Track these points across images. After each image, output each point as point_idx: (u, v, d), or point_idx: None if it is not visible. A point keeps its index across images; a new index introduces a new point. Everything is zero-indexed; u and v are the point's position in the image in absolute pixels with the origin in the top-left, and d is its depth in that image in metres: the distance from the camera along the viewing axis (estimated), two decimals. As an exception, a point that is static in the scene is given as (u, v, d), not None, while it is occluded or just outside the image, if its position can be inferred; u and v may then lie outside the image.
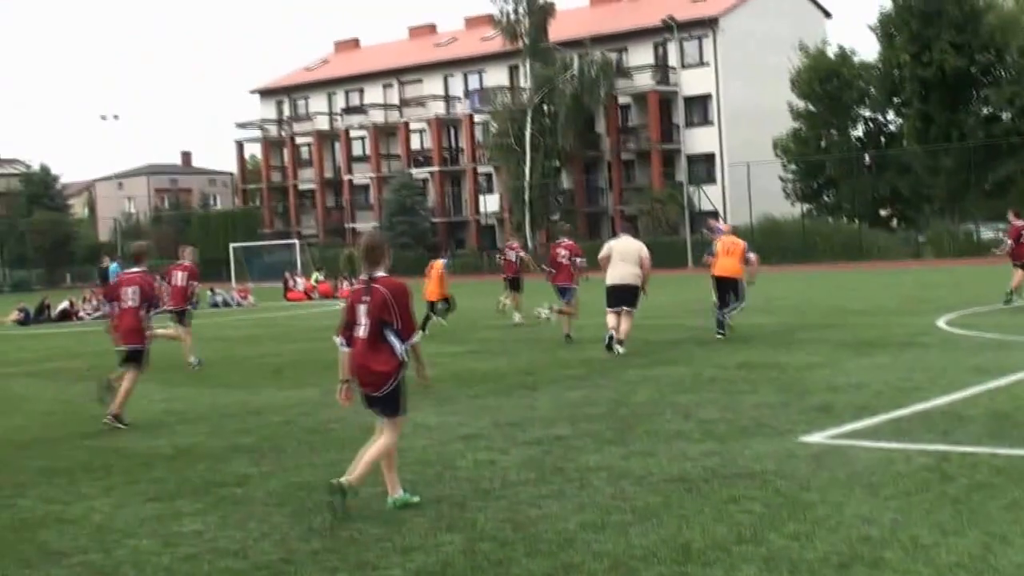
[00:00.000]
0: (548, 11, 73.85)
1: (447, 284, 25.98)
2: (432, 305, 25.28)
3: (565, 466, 9.13)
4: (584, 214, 77.36)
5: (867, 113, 67.67)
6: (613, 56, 74.94)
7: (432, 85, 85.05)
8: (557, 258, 22.10)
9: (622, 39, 76.13)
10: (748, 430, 10.27)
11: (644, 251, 18.59)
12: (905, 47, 60.37)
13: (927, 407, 11.02)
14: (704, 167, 73.47)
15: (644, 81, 74.76)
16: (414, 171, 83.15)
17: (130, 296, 13.15)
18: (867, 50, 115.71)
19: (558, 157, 75.93)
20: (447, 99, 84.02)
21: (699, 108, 74.59)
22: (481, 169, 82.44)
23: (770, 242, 59.92)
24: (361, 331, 8.00)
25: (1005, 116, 60.87)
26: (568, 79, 73.07)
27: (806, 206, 66.86)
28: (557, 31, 74.19)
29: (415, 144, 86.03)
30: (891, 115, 67.06)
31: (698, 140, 74.07)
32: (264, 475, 9.41)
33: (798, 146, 66.61)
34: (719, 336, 19.24)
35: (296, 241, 74.48)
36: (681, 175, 72.37)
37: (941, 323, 20.33)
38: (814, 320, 22.42)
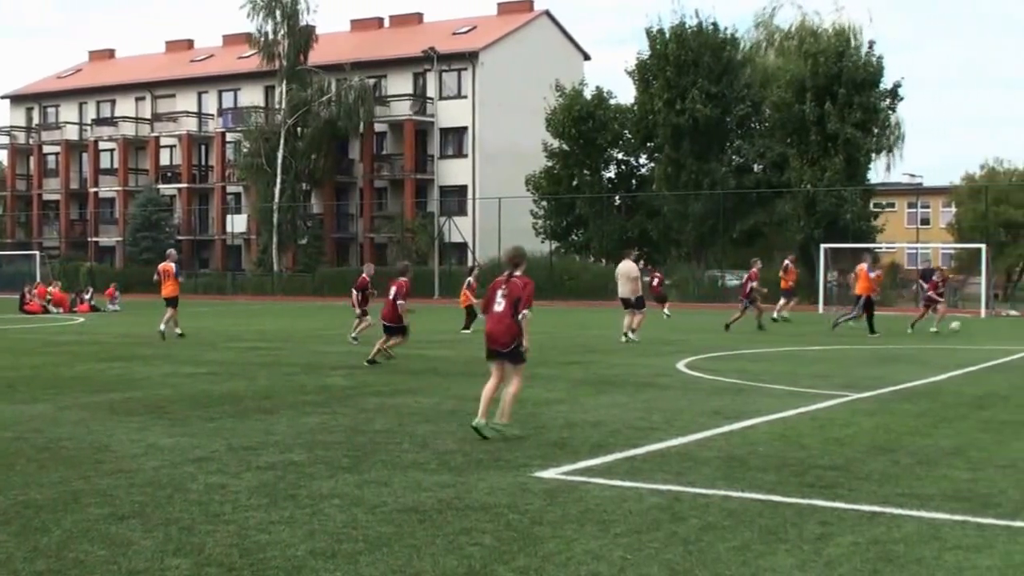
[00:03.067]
0: (308, 33, 73.38)
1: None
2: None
3: (298, 492, 8.97)
4: (333, 240, 76.96)
5: (620, 155, 69.31)
6: (372, 83, 74.96)
7: (185, 101, 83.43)
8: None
9: (382, 66, 76.27)
10: (484, 463, 10.30)
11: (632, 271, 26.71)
12: (660, 94, 62.12)
13: (662, 447, 11.27)
14: (456, 199, 74.08)
15: (401, 110, 75.01)
16: (162, 187, 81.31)
17: None
18: (625, 94, 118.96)
19: (309, 180, 75.39)
20: (200, 116, 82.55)
21: (455, 140, 75.26)
22: (230, 188, 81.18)
23: (519, 278, 60.84)
24: (498, 307, 11.79)
25: (756, 167, 63.37)
26: (325, 103, 72.71)
27: (555, 243, 67.97)
28: (317, 54, 73.84)
29: (164, 159, 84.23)
30: (644, 159, 68.85)
31: (452, 172, 74.68)
32: (-25, 494, 8.92)
33: (550, 184, 67.67)
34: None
35: (36, 252, 71.77)
36: (433, 206, 72.80)
37: (681, 365, 20.91)
38: (556, 357, 22.75)
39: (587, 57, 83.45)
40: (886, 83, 60.59)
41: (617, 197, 67.86)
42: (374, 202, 76.44)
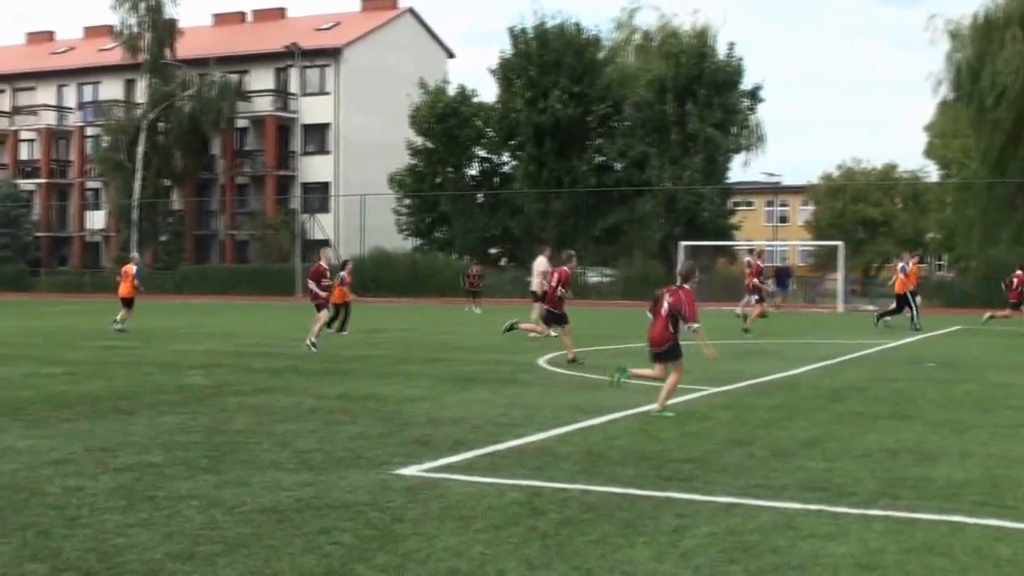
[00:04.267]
0: (171, 27, 72.15)
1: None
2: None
3: (156, 494, 8.78)
4: (194, 236, 75.79)
5: (483, 153, 69.45)
6: (234, 78, 73.99)
7: (45, 94, 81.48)
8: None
9: (245, 61, 75.39)
10: (345, 461, 10.21)
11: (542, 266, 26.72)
12: (522, 92, 62.36)
13: (522, 443, 11.28)
14: (319, 196, 73.57)
15: (264, 105, 74.23)
16: (21, 182, 79.14)
17: None
18: (488, 92, 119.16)
19: (170, 176, 74.16)
20: (60, 109, 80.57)
21: (317, 137, 74.72)
22: (89, 184, 79.46)
23: (381, 275, 60.80)
24: (662, 312, 13.45)
25: (617, 166, 63.96)
26: (187, 98, 71.58)
27: (418, 241, 67.86)
28: (179, 48, 72.66)
29: (24, 154, 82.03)
30: (506, 157, 69.08)
31: (315, 169, 74.13)
32: None
33: (414, 181, 67.57)
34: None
35: None
36: (295, 202, 72.15)
37: (542, 361, 20.99)
38: (419, 353, 22.67)
39: (451, 55, 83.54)
40: (746, 84, 61.72)
41: (480, 195, 67.98)
42: (236, 199, 75.54)
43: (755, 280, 32.04)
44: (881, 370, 19.27)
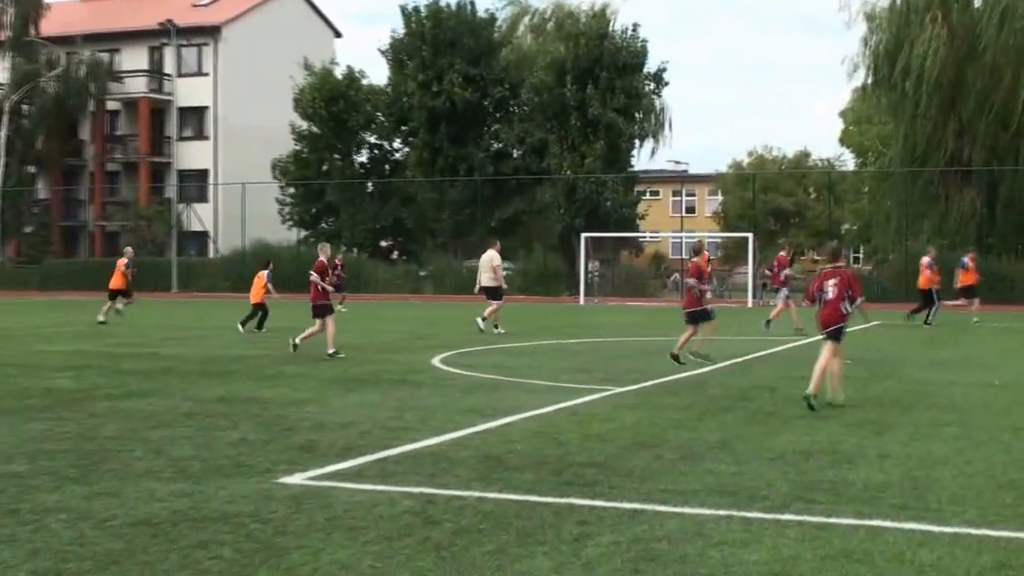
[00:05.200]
0: (36, 2, 70.87)
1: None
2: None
3: (20, 507, 8.61)
4: (61, 228, 74.59)
5: (373, 139, 69.20)
6: (104, 57, 72.90)
7: None
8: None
9: (116, 39, 74.34)
10: (224, 470, 10.10)
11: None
12: (415, 75, 62.20)
13: (415, 448, 11.26)
14: (196, 184, 72.81)
15: (137, 87, 73.28)
16: None
17: None
18: (379, 74, 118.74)
19: (35, 163, 72.86)
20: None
21: (194, 121, 73.93)
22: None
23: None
24: (829, 296, 14.65)
25: (515, 153, 64.07)
26: (53, 78, 70.39)
27: (303, 232, 67.39)
28: (46, 24, 71.40)
29: None
30: (398, 143, 68.91)
31: (192, 155, 73.35)
32: None
33: (299, 168, 67.10)
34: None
35: None
36: (171, 191, 71.31)
37: (436, 361, 20.97)
38: (303, 353, 22.53)
39: (338, 34, 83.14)
40: (650, 67, 62.11)
41: (370, 183, 67.76)
42: (106, 187, 74.46)
43: (786, 271, 32.38)
44: (794, 368, 19.54)
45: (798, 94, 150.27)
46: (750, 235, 55.26)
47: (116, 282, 34.27)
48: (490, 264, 30.32)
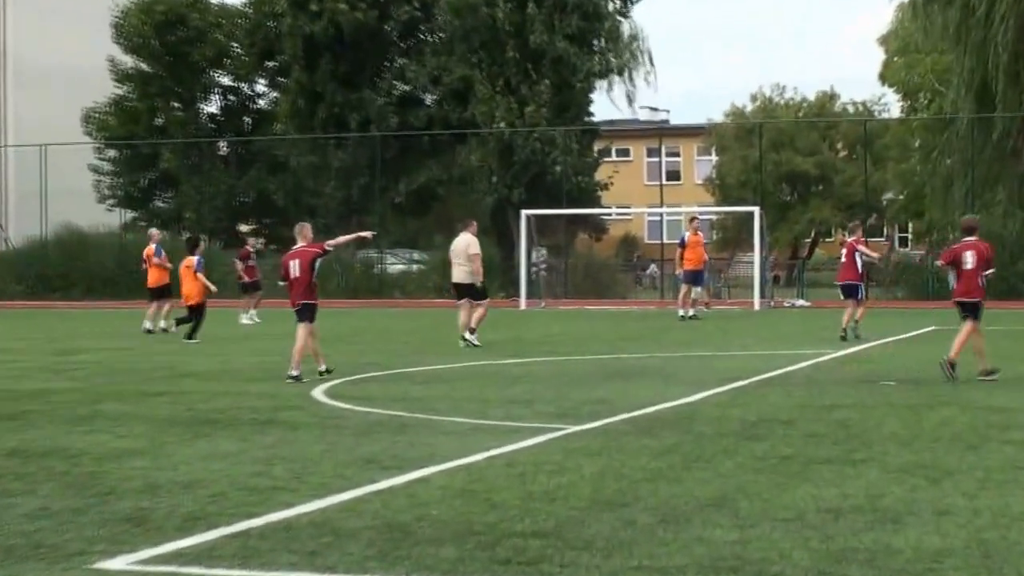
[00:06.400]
0: None
1: None
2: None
3: None
4: None
5: (228, 81, 68.84)
6: None
7: None
8: None
9: None
10: (17, 552, 9.95)
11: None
12: (286, -10, 62.03)
13: (290, 516, 11.15)
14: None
15: None
16: None
17: None
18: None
19: None
20: None
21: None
22: None
23: (74, 266, 59.82)
24: (968, 265, 20.32)
25: (429, 99, 63.94)
26: None
27: (129, 214, 66.82)
28: None
29: None
30: (263, 86, 68.64)
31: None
32: None
33: (122, 123, 66.62)
34: None
35: None
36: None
37: (319, 392, 20.87)
38: (134, 383, 22.35)
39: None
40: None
41: (223, 143, 67.47)
42: None
43: (873, 255, 33.49)
44: (817, 393, 19.57)
45: (821, 14, 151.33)
46: (756, 209, 55.37)
47: (154, 278, 36.31)
48: (466, 252, 30.33)
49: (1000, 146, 55.98)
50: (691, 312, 39.35)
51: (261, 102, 69.05)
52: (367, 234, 26.79)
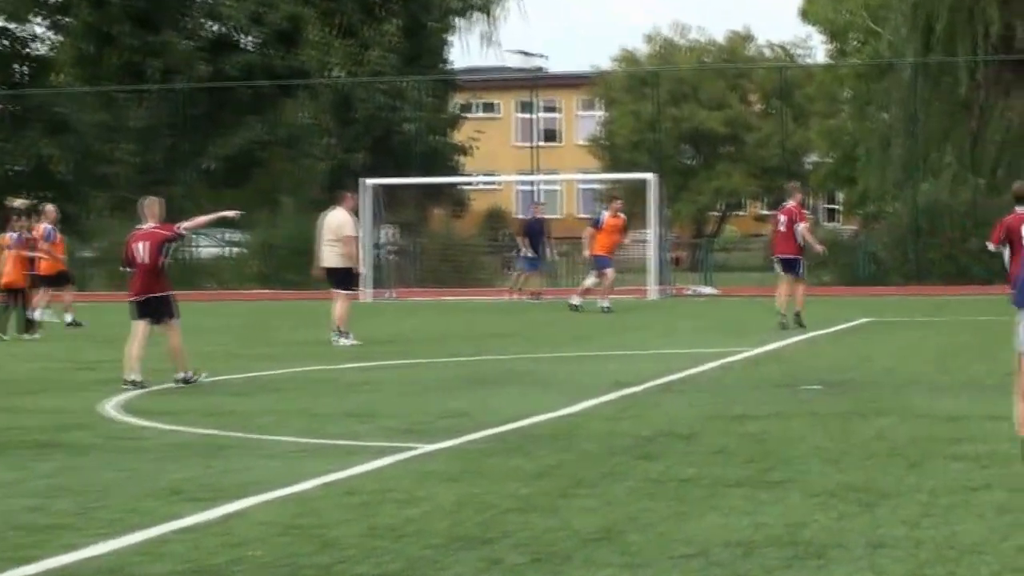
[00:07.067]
0: None
1: None
2: None
3: None
4: None
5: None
6: None
7: None
8: None
9: None
10: None
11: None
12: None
13: (76, 560, 11.03)
14: None
15: None
16: None
17: None
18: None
19: None
20: None
21: None
22: None
23: None
24: None
25: (246, 42, 63.77)
26: None
27: None
28: None
29: None
30: (41, 28, 68.23)
31: None
32: None
33: None
34: None
35: None
36: None
37: (111, 407, 20.77)
38: None
39: None
40: None
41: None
42: None
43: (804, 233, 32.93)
44: (726, 401, 19.73)
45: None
46: (651, 176, 55.59)
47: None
48: (338, 230, 30.54)
49: (950, 98, 56.39)
50: (606, 303, 39.48)
51: (38, 46, 68.53)
52: (231, 214, 26.32)
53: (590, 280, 40.77)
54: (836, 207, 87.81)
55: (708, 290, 52.89)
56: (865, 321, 34.02)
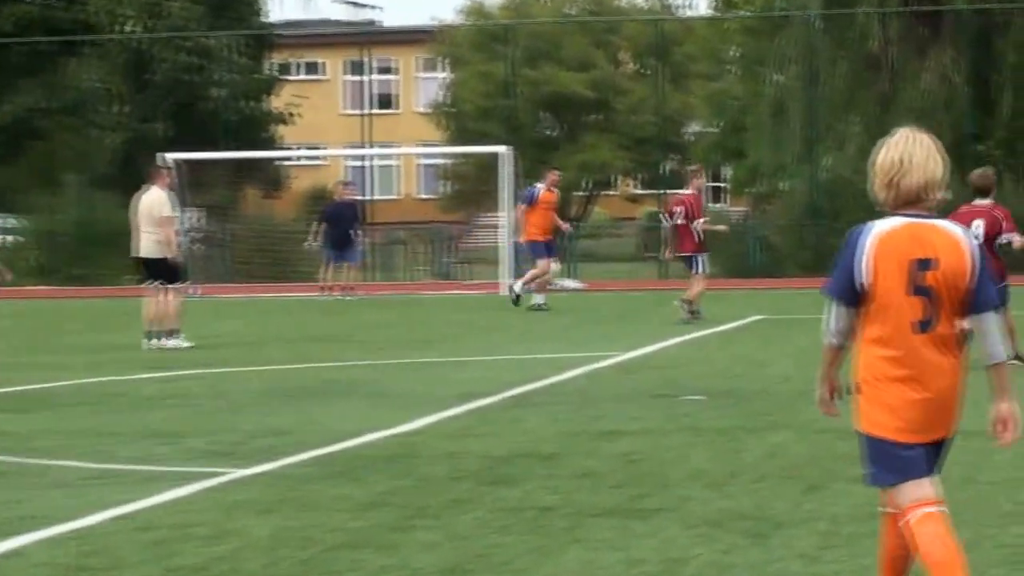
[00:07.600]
0: None
1: None
2: None
3: None
4: None
5: None
6: None
7: None
8: None
9: None
10: None
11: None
12: None
13: None
14: None
15: None
16: None
17: None
18: None
19: None
20: None
21: None
22: None
23: None
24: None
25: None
26: None
27: None
28: None
29: None
30: None
31: None
32: None
33: None
34: None
35: None
36: None
37: None
38: None
39: None
40: None
41: None
42: None
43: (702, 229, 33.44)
44: (593, 415, 19.82)
45: None
46: (504, 149, 55.69)
47: None
48: (152, 214, 30.58)
49: (856, 57, 56.63)
50: (542, 300, 39.43)
51: None
52: None
53: (533, 272, 40.37)
54: (722, 185, 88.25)
55: (572, 284, 53.07)
56: (756, 319, 34.34)
